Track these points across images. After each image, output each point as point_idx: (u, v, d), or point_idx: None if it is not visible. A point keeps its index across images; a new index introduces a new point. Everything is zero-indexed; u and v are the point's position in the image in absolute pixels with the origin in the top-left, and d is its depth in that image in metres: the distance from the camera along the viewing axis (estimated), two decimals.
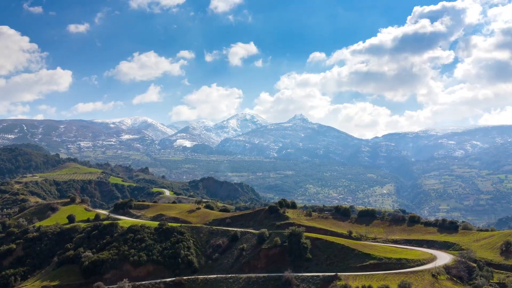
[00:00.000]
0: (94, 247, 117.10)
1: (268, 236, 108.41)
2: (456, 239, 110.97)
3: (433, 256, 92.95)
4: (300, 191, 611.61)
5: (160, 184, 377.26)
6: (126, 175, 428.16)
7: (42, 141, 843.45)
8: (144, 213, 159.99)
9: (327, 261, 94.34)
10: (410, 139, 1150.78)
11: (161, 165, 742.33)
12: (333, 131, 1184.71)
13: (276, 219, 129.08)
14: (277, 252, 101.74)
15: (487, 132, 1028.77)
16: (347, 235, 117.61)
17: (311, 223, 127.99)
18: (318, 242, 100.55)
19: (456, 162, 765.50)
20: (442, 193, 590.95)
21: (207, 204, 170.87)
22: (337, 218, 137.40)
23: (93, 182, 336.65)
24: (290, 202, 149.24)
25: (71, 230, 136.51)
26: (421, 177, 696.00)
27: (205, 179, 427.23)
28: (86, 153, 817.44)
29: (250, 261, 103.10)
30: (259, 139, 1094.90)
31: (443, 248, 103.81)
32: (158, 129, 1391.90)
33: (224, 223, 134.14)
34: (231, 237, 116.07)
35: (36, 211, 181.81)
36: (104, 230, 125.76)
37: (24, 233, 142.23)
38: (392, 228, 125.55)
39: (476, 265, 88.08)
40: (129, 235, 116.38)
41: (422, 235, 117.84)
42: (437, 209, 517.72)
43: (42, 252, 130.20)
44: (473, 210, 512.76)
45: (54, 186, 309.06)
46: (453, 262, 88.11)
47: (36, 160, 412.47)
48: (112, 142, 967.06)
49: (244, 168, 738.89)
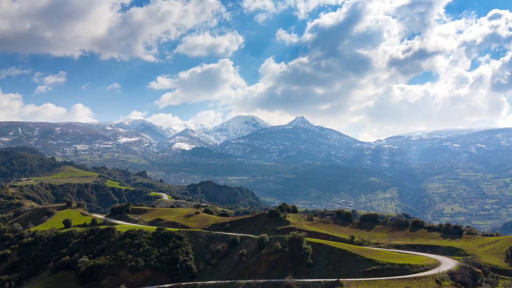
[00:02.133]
0: (91, 253, 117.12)
1: (268, 241, 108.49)
2: (461, 244, 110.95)
3: (437, 261, 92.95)
4: (301, 195, 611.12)
5: (158, 188, 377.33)
6: (124, 179, 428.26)
7: (38, 144, 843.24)
8: (141, 218, 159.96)
9: (329, 267, 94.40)
10: (413, 142, 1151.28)
11: (159, 168, 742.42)
12: (335, 134, 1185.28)
13: (277, 224, 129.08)
14: (278, 257, 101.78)
15: (492, 135, 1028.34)
16: (349, 240, 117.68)
17: (312, 227, 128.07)
18: (319, 247, 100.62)
19: (460, 165, 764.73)
20: (446, 197, 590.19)
21: (206, 209, 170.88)
22: (339, 223, 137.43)
23: (90, 186, 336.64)
24: (291, 207, 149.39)
25: (67, 235, 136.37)
26: (424, 181, 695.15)
27: (204, 183, 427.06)
28: (83, 156, 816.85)
29: (250, 267, 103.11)
30: (259, 142, 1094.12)
31: (447, 254, 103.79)
32: (156, 131, 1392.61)
33: (223, 228, 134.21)
34: (231, 242, 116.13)
35: (31, 216, 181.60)
36: (101, 235, 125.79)
37: (19, 238, 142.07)
38: (395, 233, 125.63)
39: (481, 270, 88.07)
40: (127, 240, 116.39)
41: (426, 240, 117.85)
42: (441, 214, 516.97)
43: (37, 257, 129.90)
44: (478, 215, 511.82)
45: (49, 190, 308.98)
46: (458, 267, 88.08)
47: (31, 163, 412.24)
48: (109, 145, 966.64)
49: (244, 172, 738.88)
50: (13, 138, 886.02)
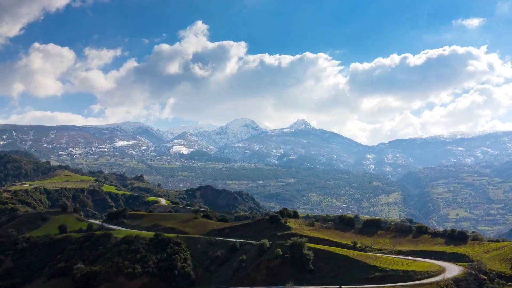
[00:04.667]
0: (87, 259, 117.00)
1: (268, 247, 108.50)
2: (466, 250, 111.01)
3: (441, 268, 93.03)
4: (302, 200, 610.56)
5: (156, 193, 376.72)
6: (120, 183, 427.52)
7: (32, 147, 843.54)
8: (139, 223, 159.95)
9: (331, 273, 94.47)
10: (417, 145, 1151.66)
11: (156, 172, 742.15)
12: (337, 137, 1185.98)
13: (277, 229, 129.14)
14: (278, 263, 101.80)
15: (498, 138, 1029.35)
16: (351, 246, 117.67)
17: (313, 233, 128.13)
18: (321, 253, 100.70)
19: (465, 169, 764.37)
20: (451, 202, 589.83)
21: (205, 214, 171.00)
22: (341, 228, 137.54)
23: (86, 190, 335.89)
24: (291, 212, 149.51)
25: (63, 241, 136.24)
26: (429, 185, 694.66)
27: (203, 188, 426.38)
28: (78, 160, 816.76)
29: (250, 273, 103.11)
30: (259, 146, 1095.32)
31: (452, 260, 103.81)
32: (154, 135, 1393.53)
33: (222, 234, 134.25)
34: (230, 248, 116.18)
35: (26, 221, 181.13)
36: (97, 241, 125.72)
37: (14, 244, 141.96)
38: (398, 238, 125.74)
39: (486, 277, 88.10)
40: (123, 246, 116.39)
41: (430, 246, 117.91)
42: (445, 219, 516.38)
43: (32, 263, 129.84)
44: (483, 220, 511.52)
45: (44, 194, 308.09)
46: (463, 274, 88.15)
47: (25, 167, 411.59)
48: (105, 148, 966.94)
49: (243, 176, 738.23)
50: (7, 141, 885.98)
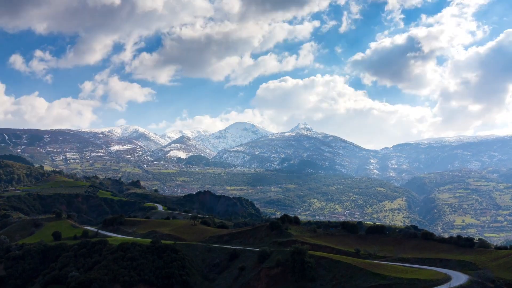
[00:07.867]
0: (82, 267, 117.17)
1: (269, 254, 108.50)
2: (472, 257, 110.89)
3: (447, 276, 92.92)
4: (304, 206, 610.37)
5: (153, 199, 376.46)
6: (116, 189, 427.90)
7: (25, 152, 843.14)
8: (135, 230, 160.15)
9: (333, 282, 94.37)
10: (422, 150, 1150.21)
11: (153, 178, 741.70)
12: (340, 141, 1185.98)
13: (278, 236, 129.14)
14: (279, 271, 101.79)
15: (505, 143, 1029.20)
16: (354, 253, 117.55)
17: (315, 240, 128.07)
18: (323, 261, 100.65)
19: (472, 174, 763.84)
20: (457, 208, 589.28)
21: (203, 220, 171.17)
22: (343, 235, 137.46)
23: (80, 196, 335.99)
24: (293, 218, 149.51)
25: (57, 248, 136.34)
26: (434, 191, 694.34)
27: (201, 193, 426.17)
28: (73, 165, 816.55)
29: (250, 282, 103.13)
30: (259, 150, 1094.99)
31: (458, 268, 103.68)
32: (151, 139, 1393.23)
33: (221, 241, 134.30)
34: (229, 256, 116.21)
35: (19, 228, 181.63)
36: (93, 248, 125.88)
37: (6, 251, 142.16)
38: (403, 246, 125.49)
39: (494, 286, 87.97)
40: (119, 253, 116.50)
41: (436, 253, 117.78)
42: (451, 225, 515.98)
43: (25, 271, 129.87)
44: (490, 227, 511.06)
45: (38, 200, 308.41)
46: (469, 282, 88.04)
47: (18, 172, 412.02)
48: (101, 153, 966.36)
49: (243, 181, 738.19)
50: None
